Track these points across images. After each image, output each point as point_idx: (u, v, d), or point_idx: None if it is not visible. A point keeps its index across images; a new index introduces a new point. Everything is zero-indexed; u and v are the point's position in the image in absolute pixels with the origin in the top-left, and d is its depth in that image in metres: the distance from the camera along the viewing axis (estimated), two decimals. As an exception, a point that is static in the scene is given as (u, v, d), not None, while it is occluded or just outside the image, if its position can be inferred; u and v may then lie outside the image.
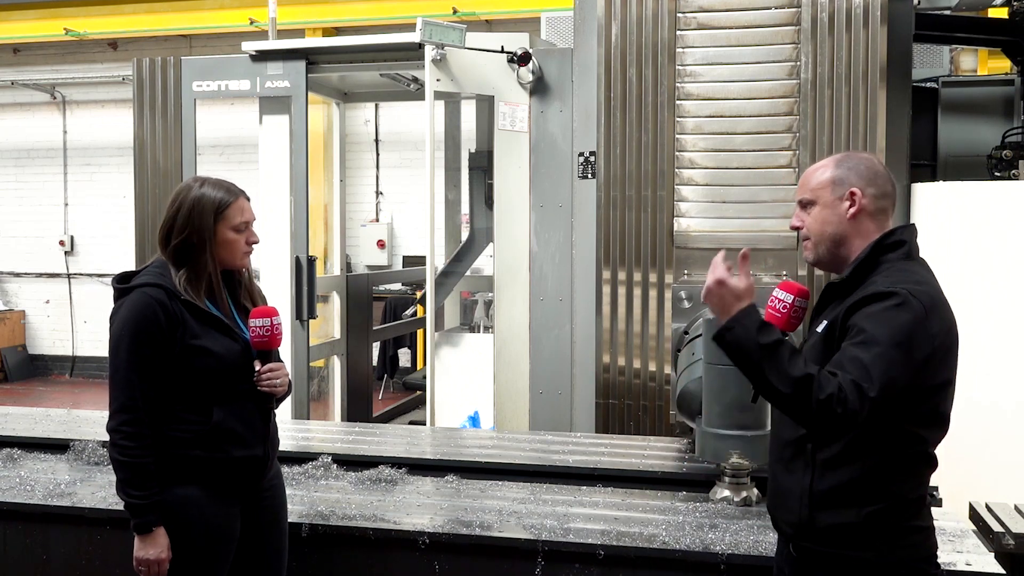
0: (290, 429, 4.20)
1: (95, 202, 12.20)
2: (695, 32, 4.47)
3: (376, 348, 9.99)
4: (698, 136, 4.48)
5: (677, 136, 4.50)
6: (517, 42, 5.09)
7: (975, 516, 3.33)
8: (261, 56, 5.57)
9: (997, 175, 5.27)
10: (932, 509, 2.27)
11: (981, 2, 5.89)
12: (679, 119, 4.50)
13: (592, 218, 4.74)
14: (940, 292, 2.16)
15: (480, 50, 5.03)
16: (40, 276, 12.56)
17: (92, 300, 12.19)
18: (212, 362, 2.58)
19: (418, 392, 7.48)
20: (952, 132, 5.65)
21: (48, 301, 12.56)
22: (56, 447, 3.88)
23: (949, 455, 2.35)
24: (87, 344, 12.36)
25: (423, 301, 8.79)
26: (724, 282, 2.16)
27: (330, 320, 6.66)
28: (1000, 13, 6.19)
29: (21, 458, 3.80)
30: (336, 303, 6.64)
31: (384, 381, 10.48)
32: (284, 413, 5.11)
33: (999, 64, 7.56)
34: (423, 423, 5.51)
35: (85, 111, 12.29)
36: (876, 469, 2.12)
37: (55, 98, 12.36)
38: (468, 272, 6.92)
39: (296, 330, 5.56)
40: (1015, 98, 5.68)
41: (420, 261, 7.78)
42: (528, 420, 5.16)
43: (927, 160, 5.59)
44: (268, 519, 2.77)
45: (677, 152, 4.50)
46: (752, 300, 2.15)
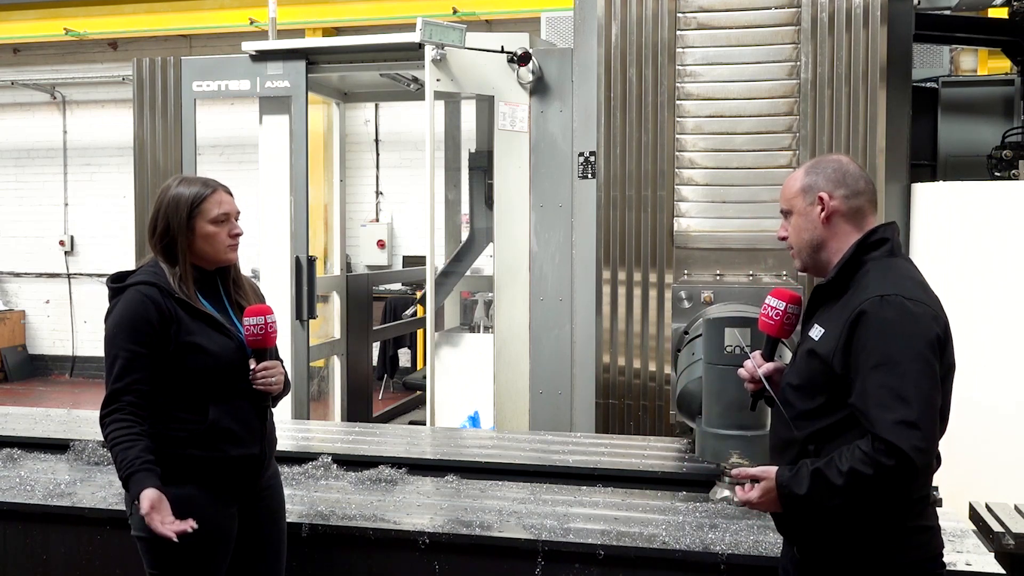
0: (290, 429, 4.20)
1: (95, 202, 12.20)
2: (695, 32, 4.48)
3: (376, 348, 9.99)
4: (698, 136, 4.48)
5: (677, 136, 4.50)
6: (517, 42, 5.09)
7: (975, 516, 3.33)
8: (261, 56, 5.57)
9: (997, 175, 5.27)
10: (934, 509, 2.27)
11: (981, 2, 5.89)
12: (679, 119, 4.50)
13: (592, 218, 4.74)
14: (928, 287, 2.17)
15: (480, 50, 5.03)
16: (40, 276, 12.56)
17: (92, 300, 12.18)
18: (206, 360, 2.57)
19: (418, 392, 7.48)
20: (952, 132, 5.65)
21: (48, 301, 12.56)
22: (56, 447, 3.89)
23: (949, 455, 2.35)
24: (87, 344, 12.36)
25: (423, 301, 8.79)
26: (750, 502, 2.21)
27: (330, 320, 6.66)
28: (1000, 13, 6.19)
29: (21, 458, 3.80)
30: (336, 303, 6.64)
31: (384, 381, 10.47)
32: (284, 413, 5.12)
33: (999, 64, 7.56)
34: (423, 423, 5.51)
35: (85, 111, 12.28)
36: None
37: (55, 98, 12.36)
38: (468, 272, 6.92)
39: (296, 330, 5.56)
40: (1015, 98, 5.68)
41: (420, 261, 7.78)
42: (528, 420, 5.16)
43: (927, 160, 5.59)
44: (266, 519, 2.76)
45: (677, 152, 4.50)
46: (769, 479, 2.16)
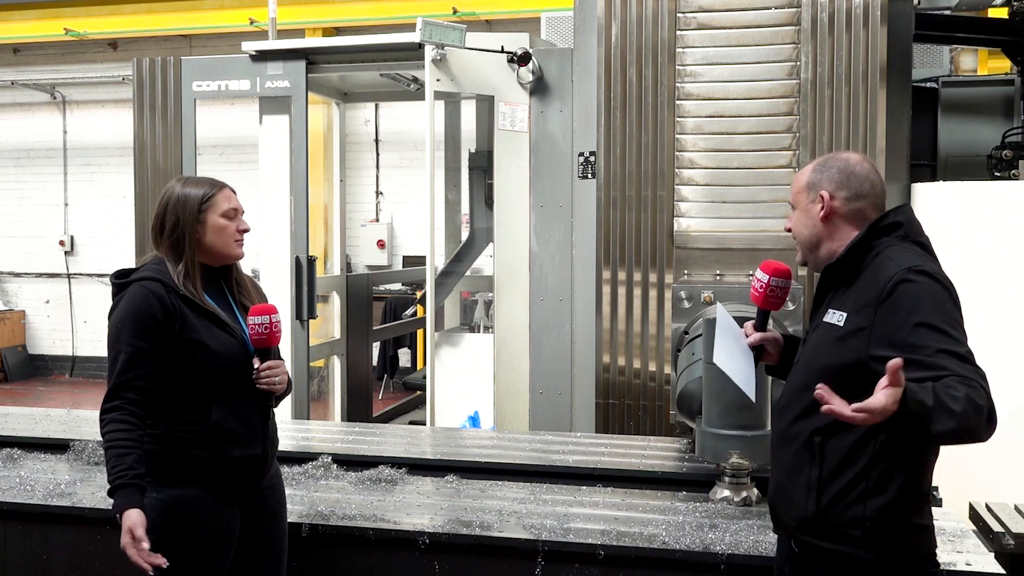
0: (290, 429, 4.20)
1: (95, 202, 12.21)
2: (695, 32, 4.47)
3: (376, 348, 9.99)
4: (698, 136, 4.48)
5: (677, 136, 4.50)
6: (517, 42, 5.09)
7: (975, 516, 3.34)
8: (261, 56, 5.57)
9: (997, 175, 5.27)
10: (932, 509, 2.27)
11: (981, 2, 5.89)
12: (679, 119, 4.50)
13: (592, 218, 4.74)
14: (942, 269, 2.18)
15: (480, 50, 5.03)
16: (40, 276, 12.56)
17: (92, 300, 12.19)
18: (209, 357, 2.57)
19: (418, 392, 7.47)
20: (952, 132, 5.65)
21: (48, 301, 12.56)
22: (56, 447, 3.88)
23: (949, 455, 2.35)
24: (87, 344, 12.37)
25: (423, 301, 8.78)
26: (865, 408, 1.85)
27: (330, 320, 6.66)
28: (1000, 13, 6.19)
29: (21, 458, 3.80)
30: (336, 303, 6.64)
31: (384, 381, 10.48)
32: (284, 413, 5.11)
33: (999, 64, 7.56)
34: (423, 423, 5.51)
35: (85, 111, 12.29)
36: (885, 460, 2.11)
37: (55, 98, 12.36)
38: (468, 272, 6.91)
39: (296, 330, 5.56)
40: (1015, 98, 5.68)
41: (420, 261, 7.79)
42: (528, 420, 5.16)
43: (927, 160, 5.58)
44: (268, 519, 2.76)
45: (677, 152, 4.50)
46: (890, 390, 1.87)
